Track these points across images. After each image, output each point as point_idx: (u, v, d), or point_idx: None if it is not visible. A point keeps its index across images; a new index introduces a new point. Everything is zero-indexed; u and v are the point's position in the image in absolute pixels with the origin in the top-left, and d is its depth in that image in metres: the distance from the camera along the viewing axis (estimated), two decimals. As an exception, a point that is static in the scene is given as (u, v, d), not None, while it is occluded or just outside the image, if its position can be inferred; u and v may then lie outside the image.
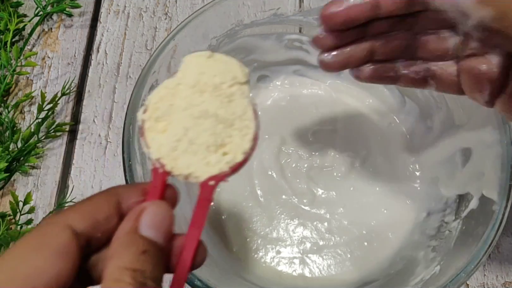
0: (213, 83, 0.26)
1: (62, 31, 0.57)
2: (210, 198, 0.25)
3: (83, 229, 0.24)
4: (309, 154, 0.48)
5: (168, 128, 0.25)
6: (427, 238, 0.43)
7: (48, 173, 0.50)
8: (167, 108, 0.26)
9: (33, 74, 0.55)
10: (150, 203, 0.24)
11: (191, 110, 0.25)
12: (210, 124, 0.25)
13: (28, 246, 0.23)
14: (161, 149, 0.25)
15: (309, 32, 0.49)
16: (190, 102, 0.25)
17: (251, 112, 0.26)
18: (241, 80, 0.26)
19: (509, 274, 0.45)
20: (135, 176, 0.38)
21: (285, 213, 0.45)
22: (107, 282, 0.22)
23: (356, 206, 0.46)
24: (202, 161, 0.25)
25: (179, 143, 0.25)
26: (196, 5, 0.57)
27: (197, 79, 0.26)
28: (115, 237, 0.24)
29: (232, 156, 0.25)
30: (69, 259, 0.23)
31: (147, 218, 0.24)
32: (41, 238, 0.23)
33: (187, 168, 0.25)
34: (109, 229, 0.25)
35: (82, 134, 0.52)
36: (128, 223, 0.24)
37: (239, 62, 0.27)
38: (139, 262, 0.22)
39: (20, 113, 0.53)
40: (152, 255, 0.23)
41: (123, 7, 0.57)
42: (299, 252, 0.44)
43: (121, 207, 0.25)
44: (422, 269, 0.40)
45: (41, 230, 0.23)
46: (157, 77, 0.42)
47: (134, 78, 0.54)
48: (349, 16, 0.30)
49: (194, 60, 0.26)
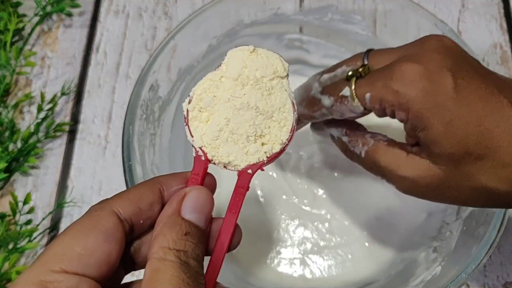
0: (255, 76, 0.27)
1: (61, 31, 0.57)
2: (247, 186, 0.27)
3: (128, 215, 0.25)
4: (309, 154, 0.48)
5: (210, 118, 0.27)
6: (428, 239, 0.43)
7: (48, 173, 0.50)
8: (211, 99, 0.27)
9: (33, 74, 0.55)
10: (191, 188, 0.26)
11: (233, 101, 0.27)
12: (250, 115, 0.27)
13: (80, 228, 0.24)
14: (203, 138, 0.27)
15: (309, 31, 0.49)
16: (233, 94, 0.27)
17: (289, 104, 0.27)
18: (281, 74, 0.27)
19: (510, 275, 0.45)
20: (134, 176, 0.38)
21: (286, 213, 0.45)
22: (152, 261, 0.23)
23: (357, 206, 0.45)
24: (241, 150, 0.27)
25: (220, 133, 0.27)
26: (196, 4, 0.57)
27: (240, 72, 0.27)
28: (159, 219, 0.25)
29: (270, 146, 0.27)
30: (116, 242, 0.24)
31: (189, 202, 0.25)
32: (91, 222, 0.25)
33: (227, 156, 0.27)
34: (152, 216, 0.26)
35: (81, 134, 0.52)
36: (171, 206, 0.25)
37: (280, 57, 0.28)
38: (182, 242, 0.24)
39: (19, 113, 0.53)
40: (194, 236, 0.24)
41: (122, 7, 0.57)
42: (299, 252, 0.44)
43: (163, 195, 0.27)
44: (423, 269, 0.40)
45: (91, 215, 0.25)
46: (157, 77, 0.42)
47: (134, 78, 0.54)
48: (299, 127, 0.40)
49: (237, 54, 0.27)
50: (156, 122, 0.43)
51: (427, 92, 0.30)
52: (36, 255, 0.46)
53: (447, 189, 0.31)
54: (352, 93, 0.33)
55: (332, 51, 0.50)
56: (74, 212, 0.48)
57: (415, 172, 0.32)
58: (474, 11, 0.56)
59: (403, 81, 0.30)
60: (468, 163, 0.29)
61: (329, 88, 0.36)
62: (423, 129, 0.30)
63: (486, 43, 0.54)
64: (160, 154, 0.43)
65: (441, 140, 0.30)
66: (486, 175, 0.29)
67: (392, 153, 0.34)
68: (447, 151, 0.30)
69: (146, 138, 0.41)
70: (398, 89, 0.31)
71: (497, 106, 0.29)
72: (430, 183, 0.31)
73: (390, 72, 0.31)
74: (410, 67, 0.31)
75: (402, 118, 0.31)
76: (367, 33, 0.47)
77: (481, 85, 0.29)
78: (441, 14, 0.56)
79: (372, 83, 0.32)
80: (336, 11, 0.47)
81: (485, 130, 0.29)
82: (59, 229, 0.47)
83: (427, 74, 0.30)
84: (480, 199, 0.31)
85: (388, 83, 0.31)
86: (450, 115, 0.29)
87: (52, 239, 0.47)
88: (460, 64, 0.30)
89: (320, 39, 0.50)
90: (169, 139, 0.45)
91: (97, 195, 0.49)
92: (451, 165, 0.30)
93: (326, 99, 0.36)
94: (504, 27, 0.55)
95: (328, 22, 0.47)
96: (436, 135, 0.30)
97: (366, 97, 0.33)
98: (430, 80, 0.30)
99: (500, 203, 0.31)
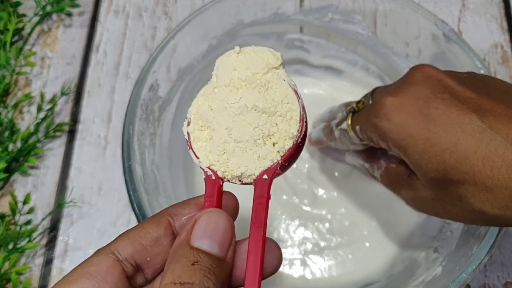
0: (246, 76, 0.25)
1: (61, 31, 0.57)
2: (267, 195, 0.24)
3: (128, 254, 0.23)
4: (309, 154, 0.48)
5: (213, 134, 0.25)
6: (429, 239, 0.43)
7: (48, 174, 0.50)
8: (208, 114, 0.25)
9: (33, 74, 0.54)
10: (202, 212, 0.24)
11: (230, 109, 0.25)
12: (252, 117, 0.24)
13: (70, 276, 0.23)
14: (209, 156, 0.25)
15: (310, 31, 0.49)
16: (228, 102, 0.25)
17: (291, 93, 0.25)
18: (274, 64, 0.25)
19: (511, 275, 0.45)
20: (134, 176, 0.38)
21: (286, 213, 0.45)
22: None
23: (357, 206, 0.45)
24: (252, 157, 0.24)
25: (226, 145, 0.25)
26: (196, 4, 0.57)
27: (230, 77, 0.25)
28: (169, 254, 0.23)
29: (282, 144, 0.25)
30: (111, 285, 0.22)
31: (199, 228, 0.23)
32: (83, 267, 0.23)
33: (238, 168, 0.24)
34: (160, 252, 0.24)
35: (81, 134, 0.51)
36: (180, 236, 0.23)
37: (269, 48, 0.26)
38: (187, 274, 0.21)
39: (19, 113, 0.53)
40: (204, 265, 0.22)
41: (122, 7, 0.57)
42: (300, 253, 0.44)
43: (174, 226, 0.25)
44: (424, 270, 0.40)
45: (87, 260, 0.23)
46: (157, 77, 0.42)
47: (133, 78, 0.54)
48: None
49: (225, 60, 0.25)
50: (156, 122, 0.43)
51: (400, 123, 0.31)
52: (36, 255, 0.46)
53: (443, 208, 0.32)
54: (348, 126, 0.37)
55: (333, 51, 0.50)
56: (74, 212, 0.48)
57: (413, 193, 0.34)
58: (474, 11, 0.56)
59: (379, 114, 0.32)
60: (454, 186, 0.30)
61: (338, 122, 0.40)
62: (404, 156, 0.32)
63: (487, 43, 0.54)
64: (160, 154, 0.43)
65: (420, 167, 0.31)
66: (473, 198, 0.29)
67: (397, 174, 0.36)
68: (428, 176, 0.31)
69: (146, 138, 0.41)
70: (375, 122, 0.33)
71: (475, 131, 0.29)
72: (425, 202, 0.33)
73: (372, 106, 0.34)
74: (386, 100, 0.32)
75: (385, 147, 0.33)
76: (368, 33, 0.47)
77: (457, 112, 0.29)
78: (442, 14, 0.56)
79: (359, 117, 0.35)
80: (336, 11, 0.47)
81: (462, 156, 0.29)
82: (58, 229, 0.47)
83: (401, 106, 0.31)
84: (476, 219, 0.31)
85: (369, 117, 0.33)
86: (423, 144, 0.30)
87: (52, 239, 0.47)
88: (436, 93, 0.31)
89: (320, 39, 0.50)
90: (169, 138, 0.45)
91: (97, 195, 0.49)
92: (438, 188, 0.31)
93: (336, 132, 0.40)
94: (504, 27, 0.55)
95: (329, 22, 0.47)
96: (415, 163, 0.31)
97: (357, 130, 0.36)
98: (403, 112, 0.31)
99: (495, 224, 0.32)
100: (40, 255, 0.47)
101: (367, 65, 0.50)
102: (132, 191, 0.37)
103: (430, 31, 0.43)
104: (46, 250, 0.47)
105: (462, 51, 0.41)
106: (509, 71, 0.53)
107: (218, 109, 0.25)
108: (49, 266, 0.46)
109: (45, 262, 0.46)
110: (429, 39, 0.44)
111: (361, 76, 0.50)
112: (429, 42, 0.44)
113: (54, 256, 0.46)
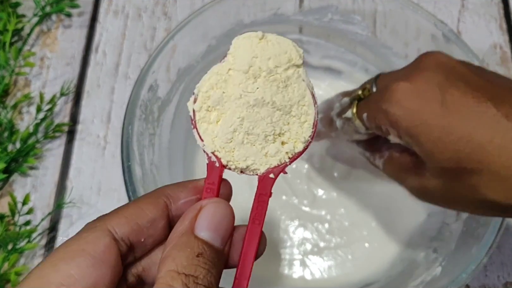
0: (268, 67, 0.24)
1: (61, 32, 0.57)
2: (270, 192, 0.24)
3: (125, 234, 0.23)
4: (309, 154, 0.48)
5: (221, 118, 0.24)
6: (428, 239, 0.43)
7: (47, 174, 0.50)
8: (219, 96, 0.24)
9: (32, 74, 0.54)
10: (208, 201, 0.23)
11: (246, 97, 0.23)
12: (267, 112, 0.24)
13: (64, 253, 0.22)
14: (215, 141, 0.24)
15: (309, 32, 0.49)
16: (244, 89, 0.23)
17: (309, 96, 0.24)
18: (297, 62, 0.24)
19: (511, 275, 0.45)
20: (134, 177, 0.38)
21: (286, 214, 0.45)
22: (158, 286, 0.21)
23: (356, 207, 0.45)
24: (260, 152, 0.24)
25: (234, 134, 0.24)
26: (195, 5, 0.57)
27: (250, 63, 0.24)
28: (170, 238, 0.23)
29: (292, 145, 0.24)
30: (108, 266, 0.22)
31: (205, 218, 0.23)
32: (79, 244, 0.22)
33: (244, 160, 0.24)
34: (154, 234, 0.24)
35: (81, 134, 0.51)
36: (183, 223, 0.23)
37: (293, 42, 0.25)
38: (192, 267, 0.21)
39: (18, 113, 0.53)
40: (208, 258, 0.22)
41: (122, 7, 0.57)
42: (299, 253, 0.44)
43: (169, 209, 0.24)
44: (423, 270, 0.40)
45: (81, 235, 0.22)
46: (156, 77, 0.42)
47: (133, 78, 0.54)
48: None
49: (244, 42, 0.24)
50: (155, 122, 0.43)
51: (414, 110, 0.30)
52: (35, 255, 0.46)
53: (452, 199, 0.31)
54: (353, 114, 0.35)
55: (332, 52, 0.50)
56: (73, 213, 0.48)
57: (419, 182, 0.33)
58: (473, 11, 0.56)
59: (391, 100, 0.31)
60: (467, 176, 0.29)
61: (340, 111, 0.38)
62: (415, 145, 0.31)
63: (486, 44, 0.54)
64: (160, 154, 0.43)
65: (432, 156, 0.30)
66: (486, 188, 0.29)
67: (402, 163, 0.35)
68: (440, 165, 0.30)
69: (145, 138, 0.41)
70: (386, 108, 0.31)
71: (492, 120, 0.28)
72: (434, 192, 0.32)
73: (382, 92, 0.32)
74: (399, 86, 0.31)
75: (395, 135, 0.32)
76: (367, 33, 0.47)
77: (473, 99, 0.29)
78: (441, 14, 0.56)
79: (367, 104, 0.34)
80: (336, 11, 0.47)
81: (477, 145, 0.28)
82: (58, 230, 0.47)
83: (415, 92, 0.30)
84: (487, 209, 0.30)
85: (379, 103, 0.32)
86: (438, 132, 0.29)
87: (51, 239, 0.47)
88: (451, 80, 0.30)
89: (320, 40, 0.50)
90: (168, 139, 0.45)
91: (97, 195, 0.49)
92: (449, 178, 0.30)
93: (338, 121, 0.38)
94: (504, 27, 0.55)
95: (328, 23, 0.47)
96: (427, 152, 0.30)
97: (363, 117, 0.34)
98: (418, 98, 0.30)
99: (507, 214, 0.31)
100: (40, 255, 0.47)
101: (366, 66, 0.50)
102: (131, 191, 0.37)
103: (429, 31, 0.43)
104: (45, 250, 0.47)
105: (461, 52, 0.41)
106: (509, 71, 0.53)
107: (233, 94, 0.24)
108: (48, 267, 0.46)
109: (44, 262, 0.46)
110: (428, 39, 0.44)
111: (361, 76, 0.50)
112: (429, 42, 0.44)
113: (54, 257, 0.46)
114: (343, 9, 0.47)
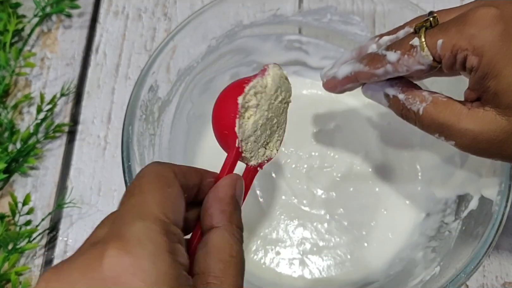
0: (281, 97, 0.33)
1: (61, 32, 0.57)
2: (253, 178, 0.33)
3: (182, 182, 0.27)
4: (308, 154, 0.48)
5: (251, 118, 0.32)
6: (427, 239, 0.43)
7: (47, 174, 0.50)
8: (256, 103, 0.32)
9: (32, 75, 0.55)
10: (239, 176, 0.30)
11: (268, 112, 0.32)
12: (270, 126, 0.33)
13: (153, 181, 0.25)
14: (244, 133, 0.31)
15: (308, 32, 0.49)
16: (269, 107, 0.32)
17: (285, 125, 0.35)
18: (289, 100, 0.34)
19: (509, 275, 0.45)
20: (134, 177, 0.38)
21: (285, 213, 0.45)
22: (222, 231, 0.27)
23: (355, 206, 0.46)
24: (257, 151, 0.33)
25: (254, 134, 0.32)
26: (195, 5, 0.57)
27: (276, 90, 0.33)
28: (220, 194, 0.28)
29: (270, 152, 0.34)
30: (183, 200, 0.26)
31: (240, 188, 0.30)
32: (160, 177, 0.26)
33: (250, 154, 0.32)
34: (191, 195, 0.28)
35: (81, 135, 0.52)
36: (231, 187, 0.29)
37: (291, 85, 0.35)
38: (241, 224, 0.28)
39: (19, 114, 0.53)
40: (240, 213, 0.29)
41: (122, 8, 0.57)
42: (298, 253, 0.44)
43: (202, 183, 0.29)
44: (422, 269, 0.40)
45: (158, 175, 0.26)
46: (156, 78, 0.42)
47: (133, 79, 0.54)
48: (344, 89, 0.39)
49: (278, 72, 0.33)
50: (155, 123, 0.43)
51: (504, 37, 0.29)
52: (36, 255, 0.47)
53: (511, 143, 0.30)
54: (422, 42, 0.32)
55: (331, 52, 0.50)
56: (73, 213, 0.48)
57: (479, 125, 0.31)
58: (472, 12, 0.56)
59: (479, 25, 0.29)
60: None
61: (395, 43, 0.35)
62: (495, 76, 0.29)
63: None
64: (160, 155, 0.43)
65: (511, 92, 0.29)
66: None
67: (452, 108, 0.32)
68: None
69: (146, 138, 0.41)
70: (474, 32, 0.30)
71: None
72: (493, 136, 0.31)
73: (465, 18, 0.30)
74: (487, 11, 0.30)
75: (473, 64, 0.30)
76: (366, 33, 0.47)
77: None
78: (440, 15, 0.56)
79: (444, 30, 0.31)
80: (335, 12, 0.47)
81: None
82: (58, 230, 0.48)
83: (505, 19, 0.29)
84: None
85: (462, 28, 0.30)
86: None
87: (51, 239, 0.47)
88: None
89: (319, 40, 0.50)
90: (168, 139, 0.45)
91: (97, 195, 0.49)
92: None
93: (391, 54, 0.34)
94: (502, 28, 0.55)
95: (327, 23, 0.48)
96: (508, 84, 0.29)
97: (438, 44, 0.31)
98: (508, 25, 0.29)
99: None
100: (40, 255, 0.47)
101: (365, 66, 0.50)
102: (131, 191, 0.37)
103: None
104: (45, 250, 0.47)
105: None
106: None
107: (264, 106, 0.32)
108: (48, 267, 0.46)
109: (44, 262, 0.46)
110: (427, 40, 0.44)
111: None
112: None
113: (54, 257, 0.47)
114: (342, 10, 0.47)
